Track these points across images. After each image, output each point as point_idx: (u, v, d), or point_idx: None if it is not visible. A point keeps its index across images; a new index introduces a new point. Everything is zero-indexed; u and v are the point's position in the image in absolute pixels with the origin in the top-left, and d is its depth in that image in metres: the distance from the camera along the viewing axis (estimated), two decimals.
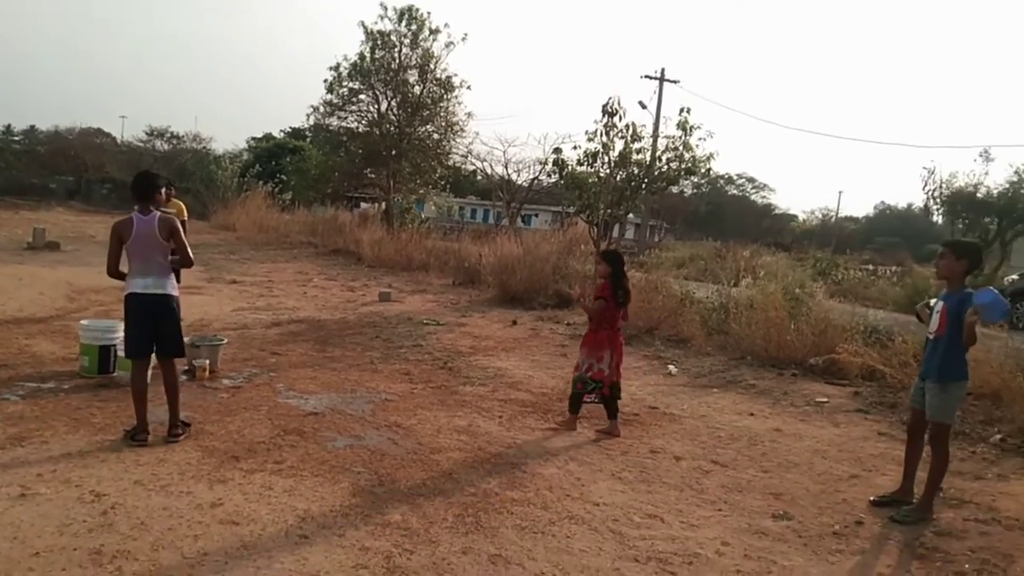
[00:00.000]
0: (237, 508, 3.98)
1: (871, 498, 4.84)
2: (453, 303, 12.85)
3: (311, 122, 25.46)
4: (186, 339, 7.05)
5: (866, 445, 6.10)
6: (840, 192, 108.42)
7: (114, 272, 5.11)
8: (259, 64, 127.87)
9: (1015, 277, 13.94)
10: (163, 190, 5.30)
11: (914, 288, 15.21)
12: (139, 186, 5.09)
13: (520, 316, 11.40)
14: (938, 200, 20.61)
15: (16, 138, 64.30)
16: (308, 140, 32.32)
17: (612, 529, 4.12)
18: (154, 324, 5.06)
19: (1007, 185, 19.30)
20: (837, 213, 72.12)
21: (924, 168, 20.90)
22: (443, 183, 26.85)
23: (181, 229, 5.15)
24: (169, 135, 57.71)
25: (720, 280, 11.76)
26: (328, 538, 3.72)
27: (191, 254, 5.21)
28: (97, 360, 6.39)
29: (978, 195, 19.60)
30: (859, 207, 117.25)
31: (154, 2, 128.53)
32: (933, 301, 4.82)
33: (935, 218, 23.04)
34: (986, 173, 19.70)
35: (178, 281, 5.56)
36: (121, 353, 6.30)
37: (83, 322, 6.74)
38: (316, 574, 3.36)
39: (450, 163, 26.42)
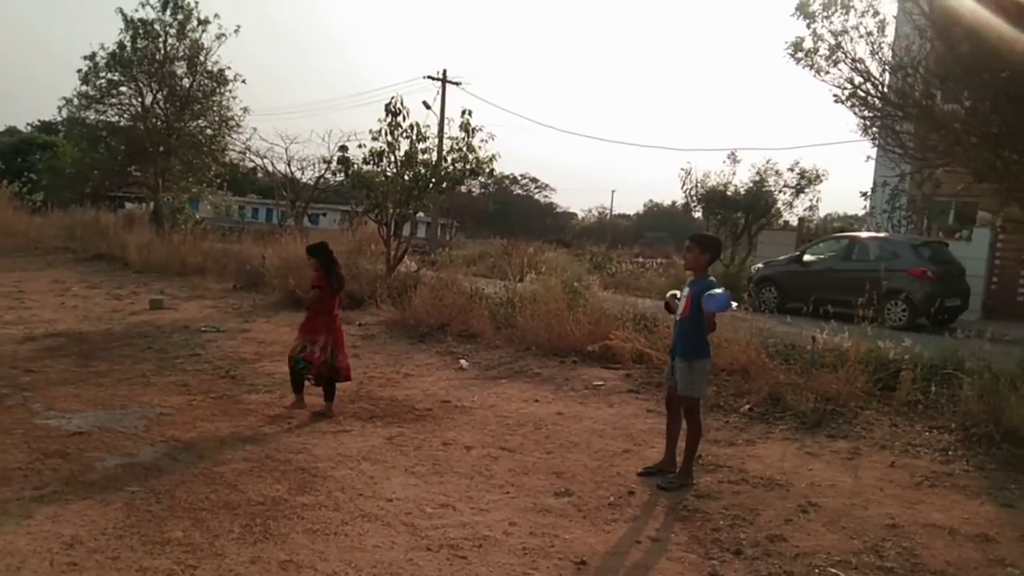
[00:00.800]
0: None
1: (638, 471, 5.34)
2: (235, 308, 12.24)
3: (64, 115, 22.94)
4: None
5: (637, 422, 6.68)
6: (613, 191, 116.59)
7: None
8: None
9: (760, 266, 15.77)
10: None
11: (677, 278, 16.72)
12: None
13: None
14: (695, 198, 22.80)
15: None
16: (61, 135, 29.08)
17: (405, 522, 4.21)
18: None
19: (751, 184, 21.78)
20: (611, 211, 77.49)
21: (682, 169, 22.91)
22: (219, 181, 25.36)
23: None
24: None
25: (507, 276, 12.23)
26: (101, 562, 3.47)
27: None
28: None
29: (728, 193, 21.93)
30: (631, 205, 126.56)
31: None
32: (679, 293, 5.40)
33: (696, 214, 25.42)
34: (734, 173, 22.06)
35: None
36: None
37: None
38: None
39: (226, 160, 25.03)
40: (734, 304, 5.32)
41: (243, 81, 22.37)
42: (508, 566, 3.77)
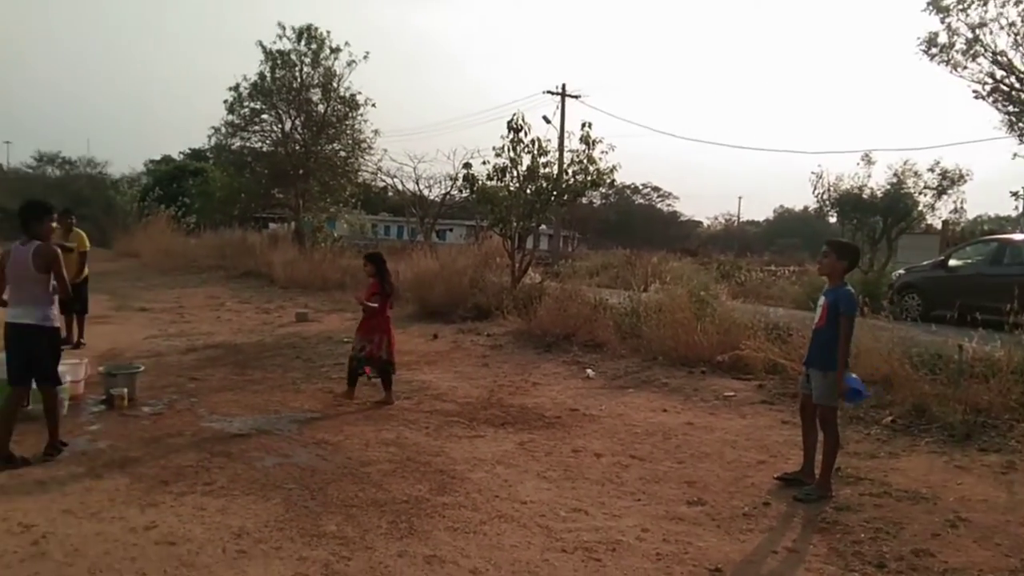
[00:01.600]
0: (171, 529, 4.01)
1: (776, 475, 5.26)
2: None
3: (213, 143, 24.86)
4: (100, 368, 6.99)
5: (771, 433, 6.54)
6: (740, 198, 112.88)
7: None
8: (153, 85, 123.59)
9: (902, 272, 14.95)
10: (51, 219, 5.29)
11: (811, 286, 16.13)
12: (20, 216, 5.15)
13: (440, 329, 11.56)
14: (828, 202, 21.80)
15: None
16: (211, 161, 31.54)
17: (540, 524, 4.36)
18: (27, 352, 5.03)
19: (888, 186, 20.62)
20: (739, 218, 75.41)
21: (813, 173, 21.90)
22: (354, 201, 26.68)
23: (60, 261, 5.13)
24: (60, 160, 55.29)
25: (631, 286, 12.23)
26: (266, 552, 3.81)
27: (68, 287, 5.22)
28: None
29: (863, 196, 20.84)
30: (759, 211, 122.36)
31: (34, 21, 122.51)
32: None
33: (830, 219, 24.20)
34: (869, 175, 20.89)
35: (66, 311, 5.59)
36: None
37: None
38: None
39: (359, 180, 26.28)
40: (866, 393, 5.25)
41: (373, 105, 23.46)
42: (642, 570, 3.83)
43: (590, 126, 12.84)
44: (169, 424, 6.17)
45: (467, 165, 13.86)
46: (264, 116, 23.16)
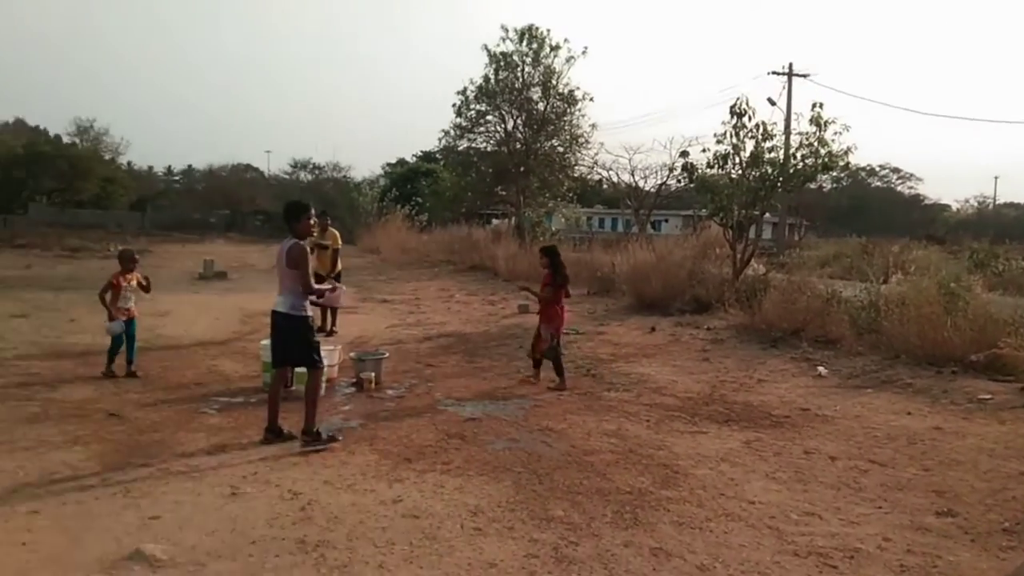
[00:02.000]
0: (416, 504, 4.39)
1: None
2: (590, 312, 13.07)
3: (442, 145, 26.51)
4: (351, 354, 7.77)
5: None
6: (996, 178, 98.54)
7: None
8: (388, 94, 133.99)
9: None
10: (308, 218, 5.76)
11: None
12: (283, 215, 5.78)
13: (658, 322, 11.48)
14: None
15: (176, 178, 70.81)
16: (441, 163, 33.66)
17: (769, 526, 4.22)
18: (283, 337, 5.66)
19: None
20: (994, 200, 66.74)
21: None
22: (571, 195, 27.20)
23: (307, 258, 5.65)
24: (311, 166, 61.74)
25: (868, 277, 11.33)
26: (499, 530, 4.05)
27: (310, 283, 5.66)
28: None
29: None
30: (1019, 193, 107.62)
31: (294, 54, 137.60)
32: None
33: None
34: None
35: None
36: (299, 369, 6.98)
37: (263, 343, 7.48)
38: (492, 562, 3.68)
39: (577, 175, 26.72)
40: None
41: (591, 99, 23.78)
42: None
43: (821, 106, 12.05)
44: (410, 406, 6.73)
45: (684, 153, 13.62)
46: (489, 117, 24.35)
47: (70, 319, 11.03)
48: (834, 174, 24.21)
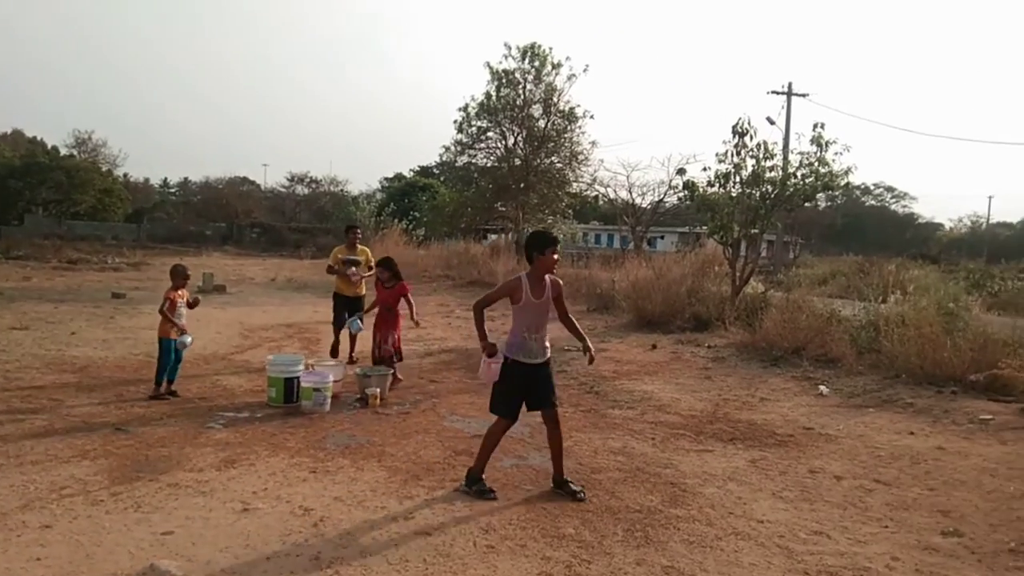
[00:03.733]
0: (427, 521, 4.41)
1: None
2: (590, 329, 13.08)
3: (442, 160, 26.63)
4: (356, 370, 7.77)
5: None
6: (991, 197, 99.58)
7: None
8: (385, 109, 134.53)
9: None
10: (554, 252, 5.05)
11: None
12: (526, 246, 5.17)
13: (659, 340, 11.52)
14: None
15: (172, 190, 70.80)
16: (440, 178, 33.77)
17: (779, 545, 4.25)
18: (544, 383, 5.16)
19: None
20: (988, 219, 67.21)
21: None
22: (569, 211, 27.32)
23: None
24: (308, 180, 61.66)
25: (866, 296, 11.41)
26: (512, 548, 4.07)
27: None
28: (283, 391, 7.11)
29: None
30: (1013, 212, 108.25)
31: (287, 64, 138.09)
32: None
33: None
34: None
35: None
36: (305, 384, 7.01)
37: (269, 357, 7.52)
38: None
39: (575, 191, 26.85)
40: None
41: (591, 117, 23.97)
42: None
43: (823, 127, 12.19)
44: (415, 422, 6.74)
45: (681, 171, 13.72)
46: (490, 134, 24.46)
47: (71, 332, 11.03)
48: (833, 193, 24.39)
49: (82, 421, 6.33)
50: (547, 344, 5.11)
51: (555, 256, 5.04)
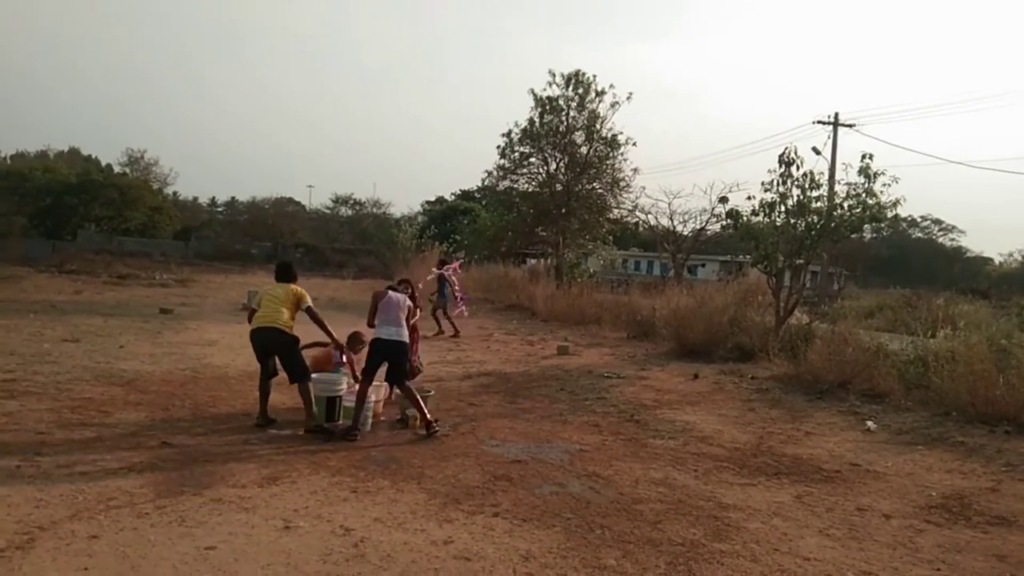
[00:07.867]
0: (466, 546, 4.39)
1: None
2: (630, 356, 13.00)
3: (484, 184, 26.85)
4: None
5: None
6: None
7: None
8: (428, 134, 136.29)
9: None
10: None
11: None
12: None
13: (701, 369, 11.37)
14: None
15: (219, 209, 72.32)
16: (482, 202, 34.00)
17: None
18: None
19: None
20: None
21: None
22: (609, 237, 27.26)
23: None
24: (352, 201, 62.53)
25: (914, 331, 11.13)
26: None
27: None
28: (325, 410, 7.18)
29: None
30: None
31: (334, 88, 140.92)
32: None
33: None
34: None
35: None
36: (347, 404, 7.07)
37: (315, 376, 7.57)
38: None
39: (616, 217, 26.80)
40: None
41: (633, 144, 23.92)
42: None
43: (871, 157, 12.00)
44: (455, 445, 6.74)
45: (724, 199, 13.59)
46: (532, 159, 24.58)
47: (119, 345, 11.29)
48: (880, 225, 23.97)
49: (130, 434, 6.46)
50: None
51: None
